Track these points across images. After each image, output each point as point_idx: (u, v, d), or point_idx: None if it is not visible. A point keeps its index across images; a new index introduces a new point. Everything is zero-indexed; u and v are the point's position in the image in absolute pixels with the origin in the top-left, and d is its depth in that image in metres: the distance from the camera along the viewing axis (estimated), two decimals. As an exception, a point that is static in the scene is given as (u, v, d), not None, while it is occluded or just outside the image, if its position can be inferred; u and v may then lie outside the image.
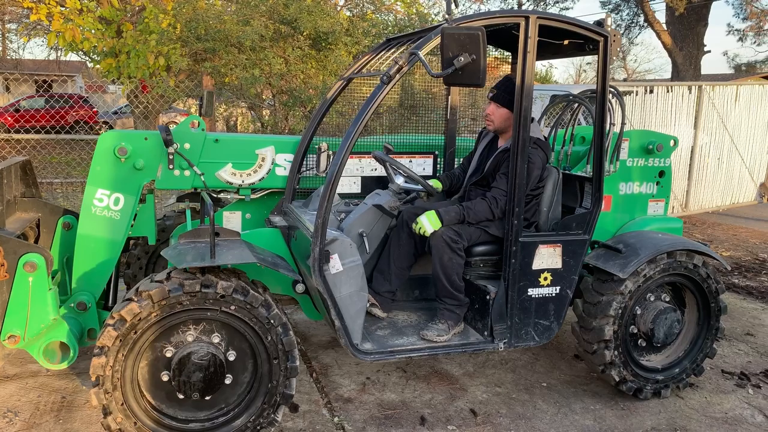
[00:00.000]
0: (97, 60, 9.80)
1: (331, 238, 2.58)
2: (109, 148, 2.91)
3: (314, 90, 8.89)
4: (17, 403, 3.04)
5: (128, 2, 9.76)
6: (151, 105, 9.06)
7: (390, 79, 2.47)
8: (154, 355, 2.46)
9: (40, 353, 2.68)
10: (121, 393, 2.42)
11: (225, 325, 2.52)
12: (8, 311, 2.54)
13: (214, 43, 8.46)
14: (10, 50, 13.36)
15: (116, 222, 2.94)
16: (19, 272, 2.53)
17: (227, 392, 2.59)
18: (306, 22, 8.51)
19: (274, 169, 3.25)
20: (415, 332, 2.96)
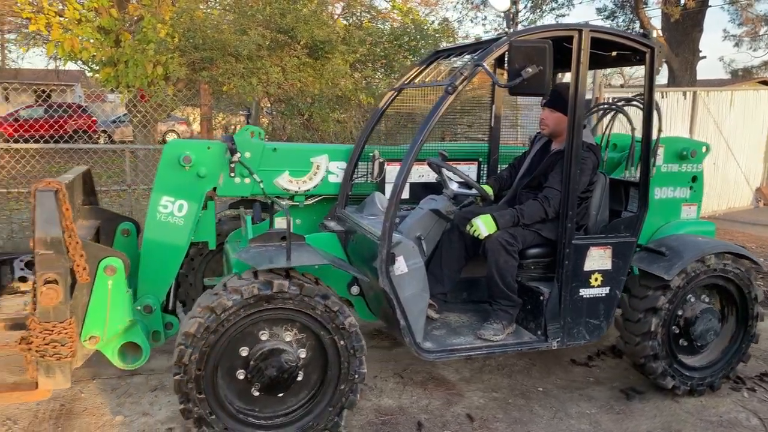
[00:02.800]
0: (95, 69, 9.78)
1: (396, 241, 2.73)
2: (174, 157, 3.02)
3: (311, 98, 9.03)
4: (16, 411, 3.08)
5: (126, 12, 9.78)
6: (150, 114, 9.07)
7: (455, 89, 2.64)
8: (232, 349, 2.60)
9: (114, 354, 2.78)
10: (200, 382, 2.54)
11: (301, 325, 2.68)
12: (88, 313, 2.63)
13: (212, 53, 8.54)
14: (9, 60, 13.26)
15: (180, 228, 3.04)
16: (99, 276, 2.63)
17: (296, 392, 2.74)
18: (303, 31, 8.67)
19: (327, 177, 3.39)
20: (470, 332, 3.11)
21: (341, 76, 8.85)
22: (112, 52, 9.08)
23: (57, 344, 2.51)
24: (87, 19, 9.04)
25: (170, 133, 15.45)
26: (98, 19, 9.23)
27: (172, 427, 2.98)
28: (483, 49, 2.79)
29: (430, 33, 9.68)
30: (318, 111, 8.77)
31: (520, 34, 2.70)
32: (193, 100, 8.98)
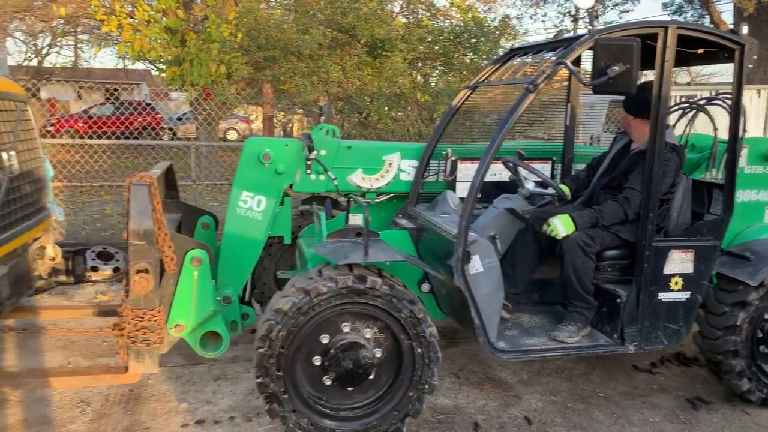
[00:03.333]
0: (162, 68, 10.19)
1: (472, 240, 2.73)
2: (254, 154, 3.13)
3: (369, 96, 9.12)
4: (89, 395, 3.26)
5: (192, 12, 10.14)
6: (215, 112, 9.38)
7: (536, 87, 2.62)
8: (315, 335, 2.67)
9: (197, 342, 2.89)
10: (281, 360, 2.62)
11: (383, 325, 2.74)
12: (174, 302, 2.76)
13: (274, 52, 8.75)
14: (82, 60, 14.09)
15: (258, 222, 3.15)
16: (186, 266, 2.75)
17: (365, 389, 2.79)
18: (363, 29, 8.76)
19: (398, 174, 3.44)
20: (544, 333, 3.09)
21: (400, 74, 8.91)
22: (177, 52, 9.46)
23: (147, 331, 2.65)
24: (155, 20, 9.43)
25: (231, 131, 16.00)
26: (165, 19, 9.62)
27: (234, 416, 3.09)
28: (564, 47, 2.77)
29: (490, 30, 9.59)
30: (376, 109, 8.85)
31: (605, 32, 2.65)
32: (256, 99, 9.26)
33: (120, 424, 2.98)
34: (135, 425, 2.98)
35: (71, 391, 3.22)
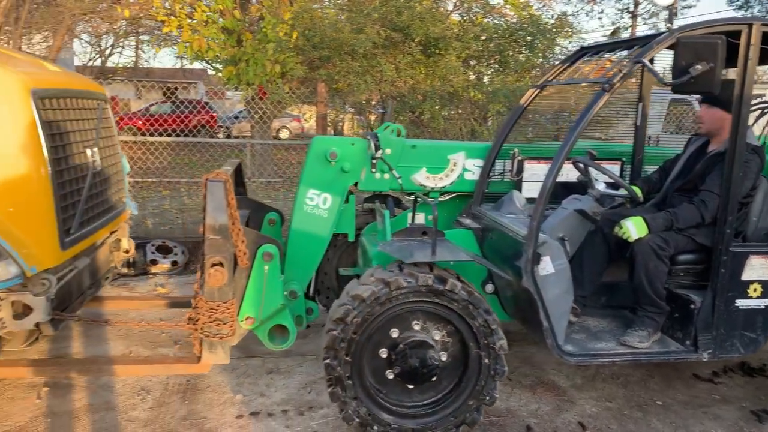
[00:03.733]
0: (218, 68, 10.48)
1: (542, 241, 2.71)
2: (321, 152, 3.20)
3: (422, 95, 9.13)
4: (149, 383, 3.38)
5: (248, 13, 10.40)
6: (270, 110, 9.58)
7: (612, 86, 2.58)
8: (387, 327, 2.71)
9: (265, 335, 2.98)
10: (352, 346, 2.66)
11: (453, 329, 2.76)
12: (246, 295, 2.85)
13: (329, 51, 8.87)
14: (142, 60, 14.75)
15: (324, 219, 3.22)
16: (258, 261, 2.84)
17: (424, 390, 2.81)
18: (418, 28, 8.78)
19: (463, 174, 3.44)
20: (612, 338, 3.04)
21: (453, 72, 8.89)
22: (234, 52, 9.71)
23: (220, 322, 2.76)
24: (212, 20, 9.71)
25: (283, 129, 16.36)
26: (222, 20, 9.90)
27: (287, 409, 3.16)
28: (641, 45, 2.71)
29: (547, 28, 9.45)
30: (428, 108, 8.86)
31: (687, 29, 2.59)
32: (310, 98, 9.43)
33: (178, 413, 3.09)
34: (192, 414, 3.08)
35: (132, 379, 3.37)
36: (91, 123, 3.10)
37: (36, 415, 3.02)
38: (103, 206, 3.17)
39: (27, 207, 2.52)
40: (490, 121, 9.70)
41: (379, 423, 2.74)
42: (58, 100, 2.76)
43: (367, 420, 2.72)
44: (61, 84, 2.87)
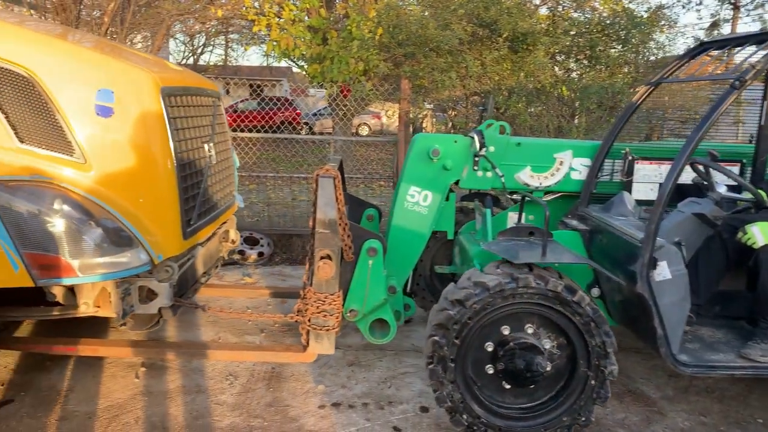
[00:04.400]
0: (303, 66, 10.79)
1: (659, 245, 2.62)
2: (423, 150, 3.23)
3: (507, 91, 8.99)
4: (236, 369, 3.51)
5: (334, 11, 10.63)
6: (354, 107, 9.75)
7: (743, 83, 2.45)
8: (499, 323, 2.72)
9: (366, 328, 3.05)
10: (464, 330, 2.68)
11: (566, 342, 2.74)
12: (350, 289, 2.93)
13: (414, 48, 8.91)
14: (231, 58, 15.50)
15: (424, 217, 3.26)
16: (362, 256, 2.92)
17: (519, 394, 2.80)
18: (505, 23, 8.65)
19: (569, 173, 3.37)
20: (730, 349, 2.89)
21: (541, 68, 8.71)
22: (319, 50, 9.96)
23: (327, 314, 2.86)
24: (299, 19, 10.00)
25: (363, 126, 16.64)
26: (309, 19, 10.18)
27: (367, 402, 3.22)
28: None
29: (642, 22, 9.06)
30: (514, 104, 8.73)
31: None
32: (394, 95, 9.49)
33: (263, 399, 3.22)
34: (277, 402, 3.20)
35: (222, 364, 3.55)
36: (208, 119, 3.29)
37: (134, 393, 3.24)
38: (218, 199, 3.36)
39: (155, 198, 2.72)
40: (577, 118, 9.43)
41: (469, 413, 2.74)
42: (180, 97, 2.95)
43: (458, 407, 2.73)
44: (182, 82, 3.07)
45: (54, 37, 2.73)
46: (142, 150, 2.67)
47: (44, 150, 2.56)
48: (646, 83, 3.28)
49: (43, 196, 2.39)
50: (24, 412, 3.03)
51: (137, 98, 2.66)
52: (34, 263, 2.36)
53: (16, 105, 2.52)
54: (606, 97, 8.94)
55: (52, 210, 2.39)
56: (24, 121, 2.53)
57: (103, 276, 2.50)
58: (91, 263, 2.46)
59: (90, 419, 2.99)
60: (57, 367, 3.48)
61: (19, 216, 2.35)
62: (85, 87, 2.58)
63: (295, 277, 5.67)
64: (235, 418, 3.03)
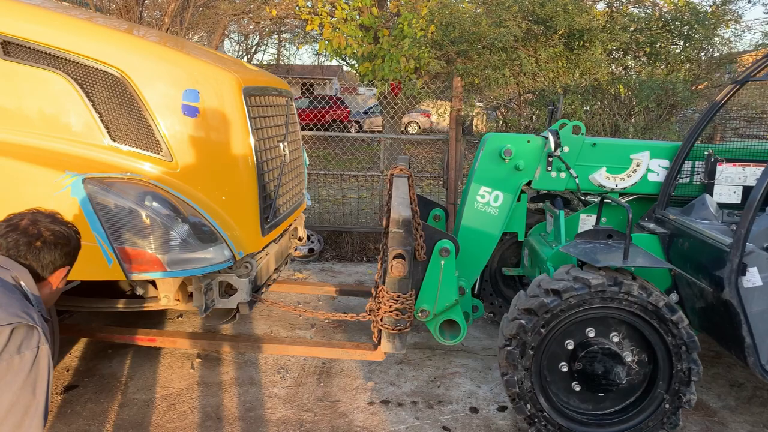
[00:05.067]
0: (354, 64, 10.87)
1: (749, 251, 2.53)
2: (495, 150, 3.21)
3: (562, 89, 8.83)
4: (288, 363, 3.59)
5: (386, 10, 10.67)
6: (405, 105, 9.76)
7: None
8: (585, 323, 2.69)
9: (436, 329, 3.06)
10: (551, 323, 2.65)
11: (652, 360, 2.70)
12: (422, 289, 2.94)
13: (467, 45, 8.85)
14: (284, 57, 15.80)
15: (495, 217, 3.23)
16: (434, 256, 2.93)
17: (587, 399, 2.75)
18: (562, 20, 8.50)
19: (646, 175, 3.29)
20: (822, 361, 2.75)
21: (598, 65, 8.53)
22: (371, 48, 10.02)
23: (399, 313, 2.88)
24: (351, 18, 10.09)
25: (412, 124, 16.65)
26: (360, 17, 10.25)
27: (416, 401, 3.23)
28: None
29: (707, 17, 8.76)
30: (569, 102, 8.59)
31: None
32: (445, 93, 9.47)
33: (314, 394, 3.27)
34: (327, 396, 3.25)
35: (273, 357, 3.62)
36: (282, 118, 3.36)
37: (190, 383, 3.35)
38: (291, 196, 3.43)
39: (236, 196, 2.79)
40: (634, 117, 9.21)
41: (533, 404, 2.71)
42: (259, 97, 3.02)
43: (525, 395, 2.71)
44: (260, 82, 3.14)
45: (143, 38, 2.84)
46: (225, 148, 2.75)
47: (134, 148, 2.66)
48: (732, 82, 3.16)
49: (135, 192, 2.49)
50: (87, 397, 3.17)
51: (221, 98, 2.73)
52: (126, 258, 2.46)
53: (109, 105, 2.63)
54: (666, 96, 8.70)
55: (144, 206, 2.48)
56: (116, 121, 2.64)
57: (190, 271, 2.59)
58: (178, 258, 2.54)
59: (148, 407, 3.11)
60: (117, 356, 3.63)
61: (113, 212, 2.45)
62: (172, 87, 2.67)
63: (344, 273, 5.75)
64: (286, 412, 3.09)
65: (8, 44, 2.53)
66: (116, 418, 3.00)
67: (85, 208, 2.40)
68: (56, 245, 1.67)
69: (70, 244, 1.72)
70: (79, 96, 2.58)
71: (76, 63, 2.58)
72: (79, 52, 2.57)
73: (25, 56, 2.55)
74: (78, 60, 2.58)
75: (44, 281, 1.67)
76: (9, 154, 2.44)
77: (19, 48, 2.54)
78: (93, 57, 2.58)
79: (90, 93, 2.60)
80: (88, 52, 2.58)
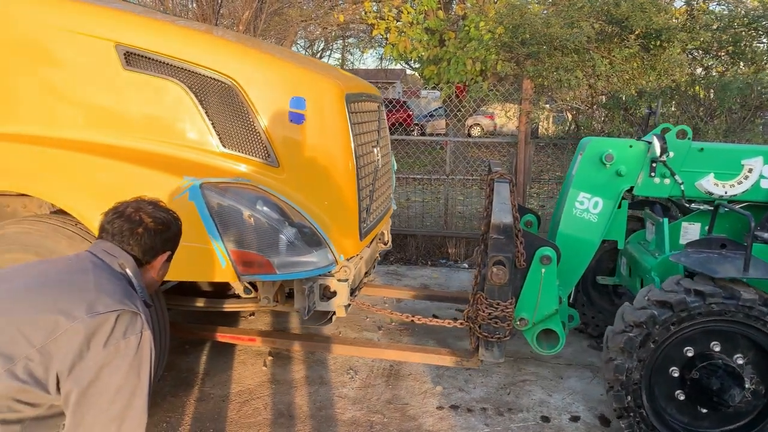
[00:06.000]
0: (419, 68, 10.89)
1: None
2: (596, 155, 3.14)
3: (637, 91, 8.55)
4: (356, 364, 3.60)
5: (452, 13, 10.65)
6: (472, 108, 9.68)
7: None
8: (708, 337, 2.60)
9: (533, 338, 3.01)
10: (668, 329, 2.57)
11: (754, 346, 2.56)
12: (521, 297, 2.90)
13: (537, 47, 8.70)
14: (348, 62, 16.06)
15: (594, 225, 3.16)
16: (535, 263, 2.88)
17: (692, 413, 2.65)
18: (638, 19, 8.23)
19: (759, 181, 3.14)
20: None
21: (677, 66, 8.22)
22: (436, 51, 10.02)
23: (498, 321, 2.85)
24: (417, 21, 10.11)
25: (475, 127, 16.52)
26: (426, 21, 10.25)
27: (486, 407, 3.19)
28: None
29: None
30: (645, 104, 8.30)
31: None
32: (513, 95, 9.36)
33: (383, 396, 3.29)
34: (395, 399, 3.26)
35: (342, 358, 3.66)
36: (374, 124, 3.40)
37: (262, 380, 3.44)
38: (382, 201, 3.46)
39: (338, 201, 2.84)
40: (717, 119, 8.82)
41: (635, 398, 2.62)
42: (357, 103, 3.06)
43: (630, 386, 2.61)
44: (358, 88, 3.19)
45: (252, 47, 2.93)
46: (328, 155, 2.80)
47: (243, 154, 2.75)
48: None
49: (247, 197, 2.57)
50: (167, 391, 3.30)
51: (326, 105, 2.79)
52: (238, 259, 2.54)
53: (221, 112, 2.73)
54: (751, 96, 8.30)
55: (256, 210, 2.56)
56: (227, 127, 2.74)
57: (297, 274, 2.65)
58: (287, 261, 2.61)
59: (224, 402, 3.21)
60: (194, 351, 3.77)
61: (226, 215, 2.54)
62: (280, 95, 2.74)
63: (408, 276, 5.77)
64: (356, 412, 3.12)
65: (130, 55, 2.66)
66: (194, 411, 3.12)
67: (201, 212, 2.49)
68: (157, 231, 1.74)
69: (171, 230, 1.80)
70: (193, 104, 2.68)
71: (191, 72, 2.68)
72: (194, 61, 2.68)
73: (145, 66, 2.68)
74: (193, 69, 2.68)
75: (146, 267, 1.76)
76: (132, 159, 2.57)
77: (139, 58, 2.67)
78: (207, 66, 2.68)
79: (203, 101, 2.70)
80: (203, 62, 2.68)
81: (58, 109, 2.67)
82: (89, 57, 2.63)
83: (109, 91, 2.66)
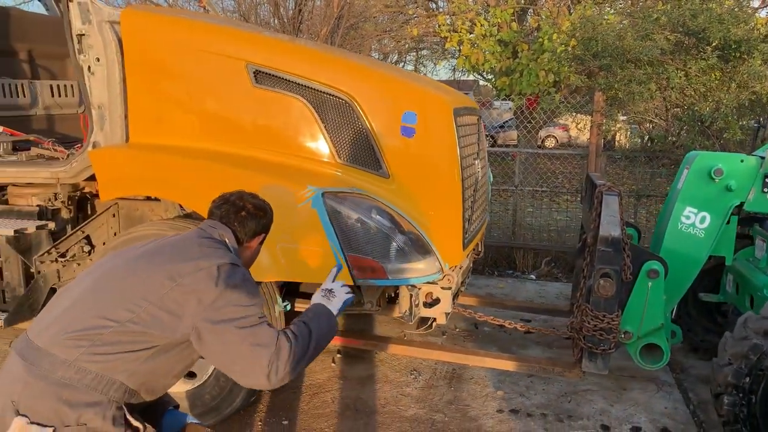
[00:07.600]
0: (492, 79, 10.75)
1: None
2: (704, 169, 3.00)
3: (714, 103, 8.12)
4: (420, 366, 3.61)
5: (526, 25, 10.47)
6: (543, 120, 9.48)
7: None
8: None
9: (637, 353, 2.89)
10: None
11: None
12: (626, 310, 2.79)
13: (610, 60, 8.41)
14: (422, 74, 16.07)
15: (700, 240, 3.01)
16: (641, 277, 2.77)
17: None
18: (716, 31, 7.81)
19: None
20: None
21: (757, 78, 7.76)
22: (509, 63, 9.86)
23: (603, 333, 2.75)
24: (490, 33, 9.99)
25: (549, 138, 16.13)
26: (500, 33, 10.12)
27: (546, 413, 3.12)
28: None
29: None
30: (723, 117, 7.88)
31: None
32: (585, 107, 9.10)
33: (445, 397, 3.27)
34: (457, 401, 3.24)
35: (406, 359, 3.66)
36: (474, 137, 3.36)
37: (331, 376, 3.52)
38: (480, 212, 3.42)
39: (444, 211, 2.82)
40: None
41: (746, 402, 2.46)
42: (462, 117, 3.04)
43: (742, 389, 2.47)
44: (462, 102, 3.17)
45: (367, 65, 2.97)
46: (436, 167, 2.80)
47: (358, 165, 2.78)
48: None
49: (363, 205, 2.59)
50: None
51: (436, 119, 2.78)
52: (354, 264, 2.57)
53: (338, 126, 2.77)
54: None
55: (371, 218, 2.58)
56: (343, 140, 2.78)
57: (407, 280, 2.65)
58: (398, 268, 2.61)
59: (295, 393, 3.31)
60: None
61: (344, 222, 2.57)
62: (393, 110, 2.76)
63: (475, 286, 5.65)
64: (418, 410, 3.14)
65: (259, 73, 2.75)
66: (269, 401, 3.23)
67: (322, 219, 2.53)
68: (255, 216, 1.92)
69: (267, 216, 1.97)
70: (314, 118, 2.74)
71: (313, 89, 2.75)
72: (315, 79, 2.74)
73: (272, 83, 2.76)
74: (314, 86, 2.74)
75: (244, 245, 1.92)
76: (259, 168, 2.65)
77: (267, 76, 2.76)
78: (327, 83, 2.74)
79: (323, 115, 2.75)
80: (323, 79, 2.74)
81: (195, 123, 2.80)
82: (223, 75, 2.74)
83: (239, 106, 2.76)
